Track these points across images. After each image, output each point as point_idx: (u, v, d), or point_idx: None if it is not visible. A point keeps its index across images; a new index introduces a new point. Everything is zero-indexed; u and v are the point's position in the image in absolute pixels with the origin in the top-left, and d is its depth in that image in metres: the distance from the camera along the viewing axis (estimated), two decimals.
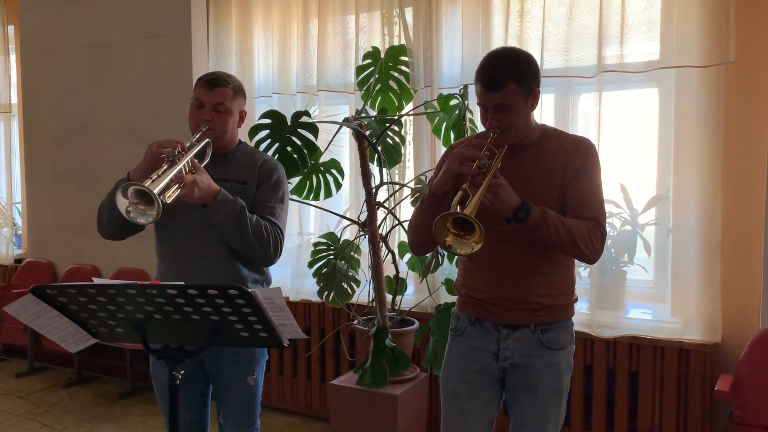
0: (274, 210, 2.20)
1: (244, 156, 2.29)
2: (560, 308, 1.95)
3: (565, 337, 1.97)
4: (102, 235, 2.24)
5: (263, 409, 3.94)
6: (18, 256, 5.17)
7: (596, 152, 1.93)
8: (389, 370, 3.03)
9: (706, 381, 2.97)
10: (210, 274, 2.16)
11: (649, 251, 3.31)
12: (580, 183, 1.88)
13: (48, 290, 1.52)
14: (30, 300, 1.52)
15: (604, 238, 1.89)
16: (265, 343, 1.66)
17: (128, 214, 1.79)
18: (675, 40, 3.02)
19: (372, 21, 3.78)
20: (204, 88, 2.19)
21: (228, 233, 2.10)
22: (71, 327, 1.64)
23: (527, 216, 1.75)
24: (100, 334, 1.71)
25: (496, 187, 1.72)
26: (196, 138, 2.12)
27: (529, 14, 3.29)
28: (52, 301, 1.56)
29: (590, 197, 1.88)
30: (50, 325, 1.61)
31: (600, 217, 1.88)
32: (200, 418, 2.36)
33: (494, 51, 1.90)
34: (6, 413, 4.01)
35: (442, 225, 1.65)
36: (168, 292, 1.48)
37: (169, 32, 4.26)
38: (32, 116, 4.91)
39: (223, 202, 2.05)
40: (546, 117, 3.37)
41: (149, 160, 2.02)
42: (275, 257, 2.20)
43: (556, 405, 1.95)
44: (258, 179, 2.23)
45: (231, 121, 2.23)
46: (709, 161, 2.98)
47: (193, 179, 1.96)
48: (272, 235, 2.15)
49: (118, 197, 1.78)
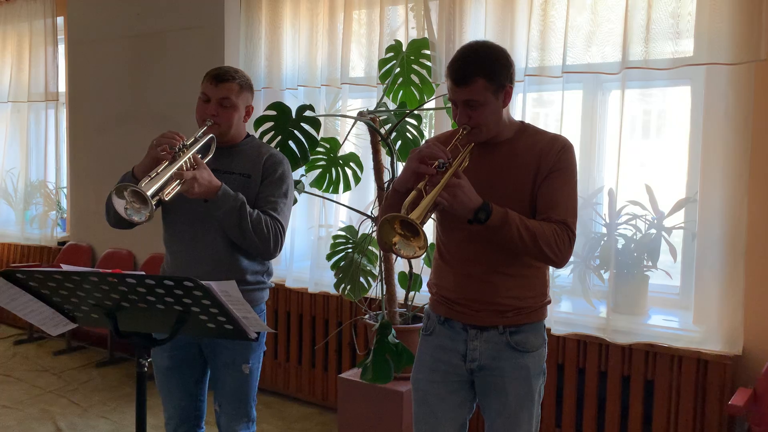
0: (276, 205, 2.22)
1: (251, 149, 2.31)
2: (530, 310, 1.90)
3: (536, 340, 1.91)
4: (110, 225, 2.30)
5: (280, 397, 4.04)
6: (62, 239, 5.38)
7: (572, 152, 1.86)
8: (394, 366, 3.01)
9: (725, 394, 2.83)
10: (210, 265, 2.20)
11: (675, 256, 3.17)
12: (552, 184, 1.81)
13: (18, 275, 1.57)
14: (2, 283, 1.57)
15: (572, 242, 1.82)
16: (232, 335, 1.67)
17: (126, 213, 1.85)
18: (706, 37, 2.87)
19: (396, 14, 3.75)
20: (210, 83, 2.23)
21: (228, 228, 2.13)
22: (48, 311, 1.69)
23: (487, 217, 1.70)
24: (77, 319, 1.75)
25: (454, 187, 1.67)
26: (201, 133, 2.16)
27: (553, 8, 3.19)
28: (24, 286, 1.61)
29: (561, 199, 1.81)
30: (27, 308, 1.66)
31: (569, 220, 1.81)
32: (196, 405, 2.40)
33: (465, 45, 1.85)
34: (39, 389, 4.19)
35: (388, 226, 1.61)
36: (128, 281, 1.51)
37: (204, 24, 4.34)
38: (77, 105, 5.10)
39: (223, 198, 2.07)
40: (574, 114, 3.27)
41: (150, 157, 2.07)
42: (275, 252, 2.22)
43: (527, 410, 1.89)
44: (263, 173, 2.25)
45: (236, 115, 2.26)
46: (736, 163, 2.83)
47: (193, 176, 1.99)
48: (273, 230, 2.17)
49: (114, 198, 1.83)
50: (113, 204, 1.85)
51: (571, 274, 3.35)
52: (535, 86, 3.28)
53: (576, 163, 1.88)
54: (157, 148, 2.02)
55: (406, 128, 3.39)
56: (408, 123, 3.38)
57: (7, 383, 4.28)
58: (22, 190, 5.62)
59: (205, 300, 1.54)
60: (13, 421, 3.70)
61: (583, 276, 3.26)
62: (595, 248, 3.25)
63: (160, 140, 2.05)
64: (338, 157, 3.48)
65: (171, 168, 1.93)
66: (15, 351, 4.95)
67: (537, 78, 3.23)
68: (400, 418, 3.08)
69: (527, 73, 3.23)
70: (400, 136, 3.39)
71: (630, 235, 3.23)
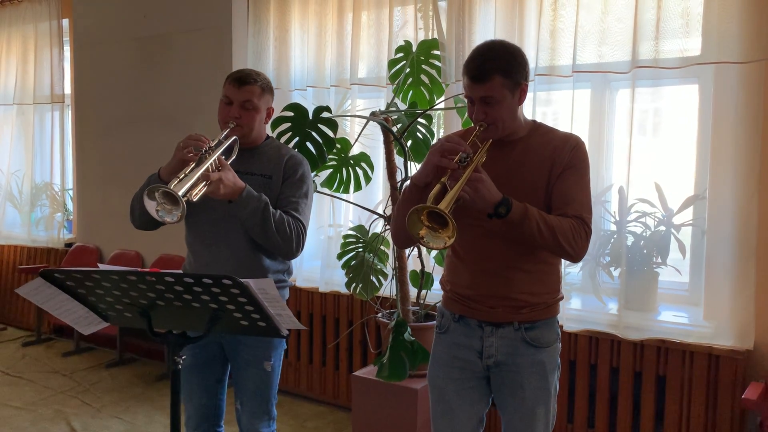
0: (297, 205, 2.26)
1: (271, 151, 2.35)
2: (545, 306, 1.93)
3: (550, 335, 1.95)
4: (135, 226, 2.34)
5: (291, 396, 4.06)
6: (68, 240, 5.39)
7: (585, 150, 1.91)
8: (409, 364, 3.04)
9: (737, 388, 2.87)
10: (233, 264, 2.23)
11: (684, 253, 3.21)
12: (566, 180, 1.86)
13: (57, 275, 1.59)
14: (40, 283, 1.60)
15: (589, 237, 1.86)
16: (265, 332, 1.70)
17: (157, 214, 1.90)
18: (715, 35, 2.91)
19: (406, 15, 3.78)
20: (233, 86, 2.26)
21: (252, 228, 2.16)
22: (82, 310, 1.72)
23: (508, 212, 1.73)
24: (109, 318, 1.78)
25: (475, 182, 1.70)
26: (224, 135, 2.20)
27: (563, 8, 3.23)
28: (61, 285, 1.64)
29: (576, 195, 1.85)
30: (62, 307, 1.69)
31: (585, 215, 1.85)
32: (216, 403, 2.42)
33: (482, 44, 1.89)
34: (50, 390, 4.20)
35: (416, 218, 1.64)
36: (166, 280, 1.54)
37: (211, 26, 4.36)
38: (83, 106, 5.11)
39: (248, 199, 2.11)
40: (582, 113, 3.31)
41: (177, 159, 2.11)
42: (297, 251, 2.26)
43: (544, 404, 1.93)
44: (284, 174, 2.29)
45: (258, 117, 2.30)
46: (747, 161, 2.87)
47: (219, 177, 2.03)
48: (295, 230, 2.21)
49: (146, 200, 1.87)
50: (144, 205, 1.89)
51: (581, 271, 3.38)
52: (545, 86, 3.31)
53: (588, 160, 1.92)
54: (183, 150, 2.05)
55: (416, 128, 3.42)
56: (419, 123, 3.41)
57: (19, 385, 4.29)
58: (27, 192, 5.63)
59: (242, 297, 1.56)
60: (27, 422, 3.71)
61: (593, 273, 3.29)
62: (605, 246, 3.29)
63: (187, 142, 2.08)
64: (349, 157, 3.51)
65: (198, 170, 1.96)
66: (24, 353, 4.96)
67: (547, 78, 3.26)
68: (414, 416, 3.11)
69: (537, 72, 3.26)
70: (410, 135, 3.42)
71: (639, 233, 3.26)
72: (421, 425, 3.11)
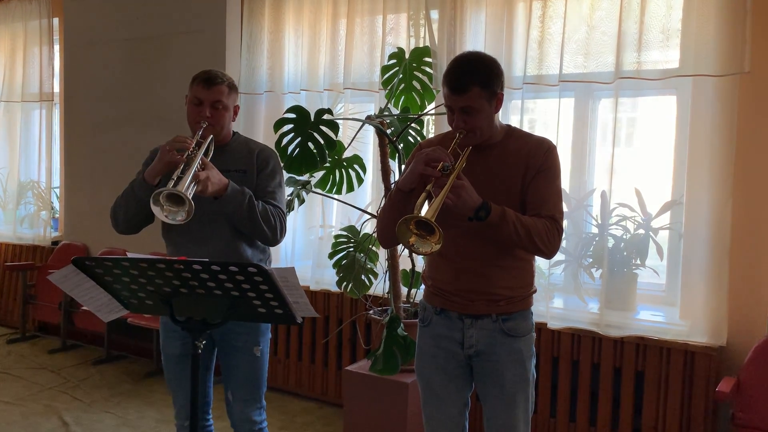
0: (275, 194, 2.38)
1: (240, 146, 2.44)
2: (520, 299, 2.07)
3: (526, 326, 2.09)
4: (118, 231, 2.41)
5: (280, 392, 4.14)
6: (55, 239, 5.41)
7: (557, 154, 2.05)
8: (401, 358, 3.15)
9: (710, 383, 3.04)
10: (215, 255, 2.29)
11: (662, 255, 3.38)
12: (539, 182, 1.99)
13: (87, 262, 1.68)
14: (71, 270, 1.68)
15: (561, 235, 2.00)
16: (280, 320, 1.80)
17: (167, 218, 1.99)
18: (693, 50, 3.09)
19: (398, 22, 3.90)
20: (201, 87, 2.32)
21: (239, 221, 2.26)
22: (105, 297, 1.80)
23: (487, 215, 1.87)
24: (130, 306, 1.87)
25: (458, 189, 1.83)
26: (201, 135, 2.27)
27: (551, 20, 3.39)
28: (89, 273, 1.72)
29: (549, 196, 2.00)
30: (87, 294, 1.77)
31: (557, 215, 1.99)
32: (205, 391, 2.46)
33: (460, 55, 2.01)
34: (38, 385, 4.23)
35: (405, 227, 1.77)
36: (194, 268, 1.63)
37: (205, 29, 4.43)
38: (72, 105, 5.15)
39: (233, 194, 2.22)
40: (565, 121, 3.46)
41: (164, 162, 2.18)
42: (281, 238, 2.38)
43: (523, 391, 2.06)
44: (257, 167, 2.39)
45: (227, 116, 2.39)
46: (721, 169, 3.05)
47: (207, 176, 2.13)
48: (278, 218, 2.33)
49: (152, 206, 1.98)
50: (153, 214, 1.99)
51: (563, 272, 3.53)
52: (532, 94, 3.47)
53: (560, 162, 2.06)
54: (170, 153, 2.15)
55: (407, 132, 3.54)
56: (411, 127, 3.53)
57: (6, 380, 4.31)
58: (12, 190, 5.63)
59: (264, 285, 1.67)
60: (18, 416, 3.74)
61: (575, 274, 3.45)
62: (587, 247, 3.44)
63: (173, 145, 2.17)
64: (342, 159, 3.62)
65: (190, 170, 2.06)
66: (9, 350, 4.97)
67: (534, 86, 3.41)
68: (405, 409, 3.22)
69: (525, 81, 3.41)
70: (402, 139, 3.54)
71: (620, 236, 3.42)
72: (411, 417, 3.22)
